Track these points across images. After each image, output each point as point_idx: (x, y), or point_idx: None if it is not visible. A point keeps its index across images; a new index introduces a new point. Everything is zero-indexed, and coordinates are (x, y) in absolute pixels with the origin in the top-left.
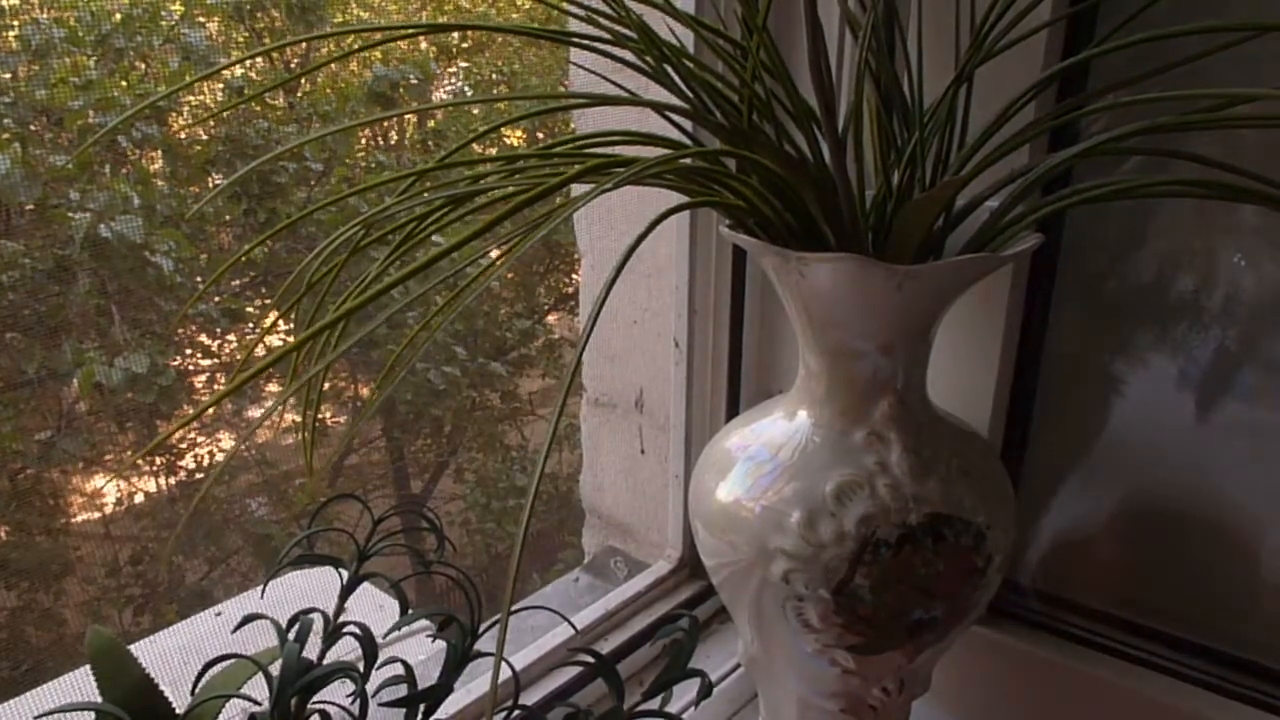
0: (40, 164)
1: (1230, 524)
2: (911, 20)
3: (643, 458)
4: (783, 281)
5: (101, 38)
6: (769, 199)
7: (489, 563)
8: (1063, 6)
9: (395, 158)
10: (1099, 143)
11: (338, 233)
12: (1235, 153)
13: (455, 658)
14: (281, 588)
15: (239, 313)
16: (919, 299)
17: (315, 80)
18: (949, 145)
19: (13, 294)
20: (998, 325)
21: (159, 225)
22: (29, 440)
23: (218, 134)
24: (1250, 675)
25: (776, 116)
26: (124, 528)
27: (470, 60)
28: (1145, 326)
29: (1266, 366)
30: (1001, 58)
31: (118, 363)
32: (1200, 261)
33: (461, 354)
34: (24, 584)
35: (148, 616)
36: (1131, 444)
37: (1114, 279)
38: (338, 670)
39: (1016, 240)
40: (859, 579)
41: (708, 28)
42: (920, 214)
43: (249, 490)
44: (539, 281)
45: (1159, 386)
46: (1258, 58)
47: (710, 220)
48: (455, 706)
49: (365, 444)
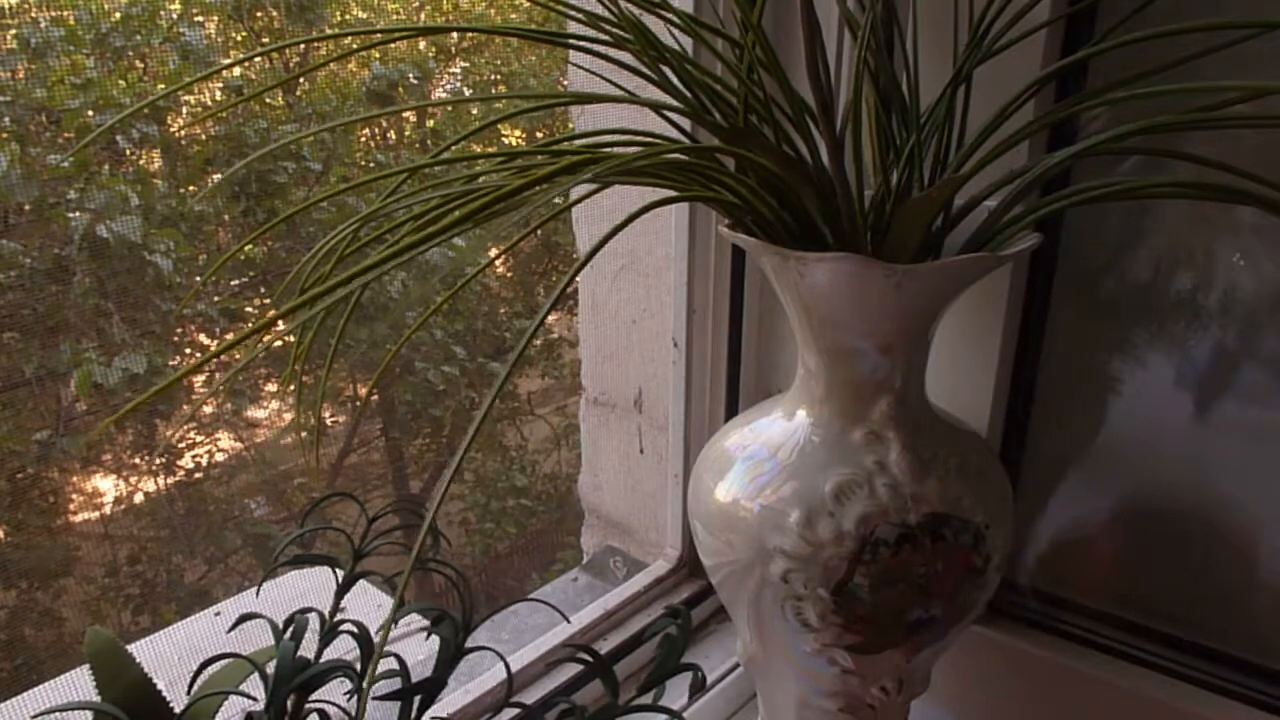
0: (38, 163)
1: (1229, 523)
2: (910, 19)
3: (641, 457)
4: (781, 281)
5: (100, 37)
6: (767, 198)
7: (489, 562)
8: (1061, 6)
9: (394, 157)
10: (1098, 142)
11: (335, 231)
12: (1235, 153)
13: (449, 652)
14: (281, 588)
15: (238, 312)
16: (918, 298)
17: (314, 80)
18: (947, 145)
19: (11, 294)
20: (997, 325)
21: (157, 225)
22: (27, 440)
23: (216, 134)
24: (1248, 674)
25: (775, 117)
26: (123, 527)
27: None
28: (1144, 326)
29: (1266, 366)
30: (1000, 57)
31: (116, 363)
32: (1199, 261)
33: (461, 354)
34: (23, 584)
35: (146, 616)
36: (1130, 443)
37: (1113, 278)
38: (333, 668)
39: (1015, 240)
40: (858, 578)
41: (706, 26)
42: (919, 213)
43: (247, 490)
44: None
45: (1158, 386)
46: (1259, 57)
47: (709, 220)
48: (454, 706)
49: (365, 444)
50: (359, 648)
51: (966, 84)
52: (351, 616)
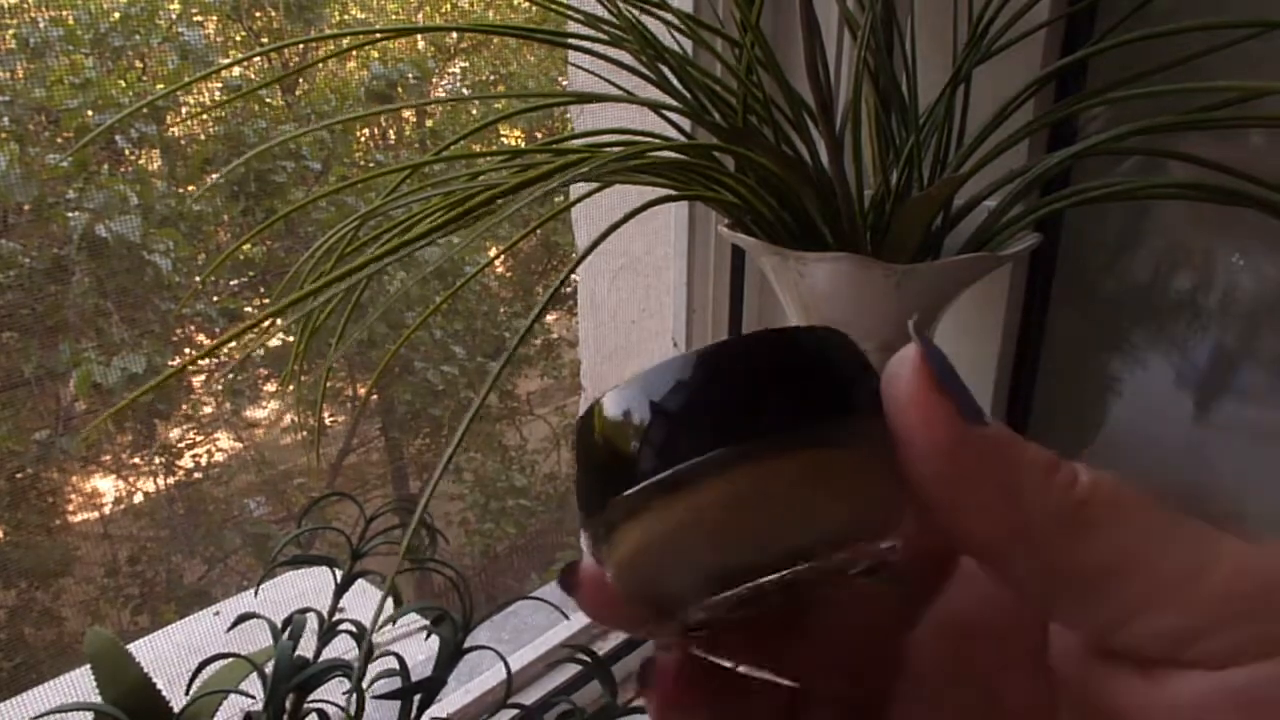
0: (38, 163)
1: (1229, 523)
2: (909, 19)
3: None
4: (781, 281)
5: (99, 37)
6: (766, 198)
7: (488, 562)
8: (1061, 6)
9: (393, 157)
10: (1097, 142)
11: (335, 229)
12: (1235, 153)
13: (448, 651)
14: (280, 588)
15: (237, 312)
16: (917, 298)
17: (314, 80)
18: (947, 144)
19: (10, 294)
20: (996, 325)
21: (157, 225)
22: (27, 440)
23: (216, 134)
24: None
25: (774, 117)
26: (122, 527)
27: (468, 60)
28: (1143, 326)
29: (1265, 366)
30: (999, 57)
31: (115, 362)
32: (1198, 261)
33: (460, 354)
34: (22, 583)
35: (146, 616)
36: (1129, 443)
37: (1112, 278)
38: (331, 667)
39: (1015, 240)
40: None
41: (705, 27)
42: (918, 213)
43: (247, 490)
44: (537, 281)
45: (1157, 386)
46: (1259, 57)
47: (709, 220)
48: (453, 706)
49: (364, 444)
50: (358, 647)
51: (966, 84)
52: (350, 616)
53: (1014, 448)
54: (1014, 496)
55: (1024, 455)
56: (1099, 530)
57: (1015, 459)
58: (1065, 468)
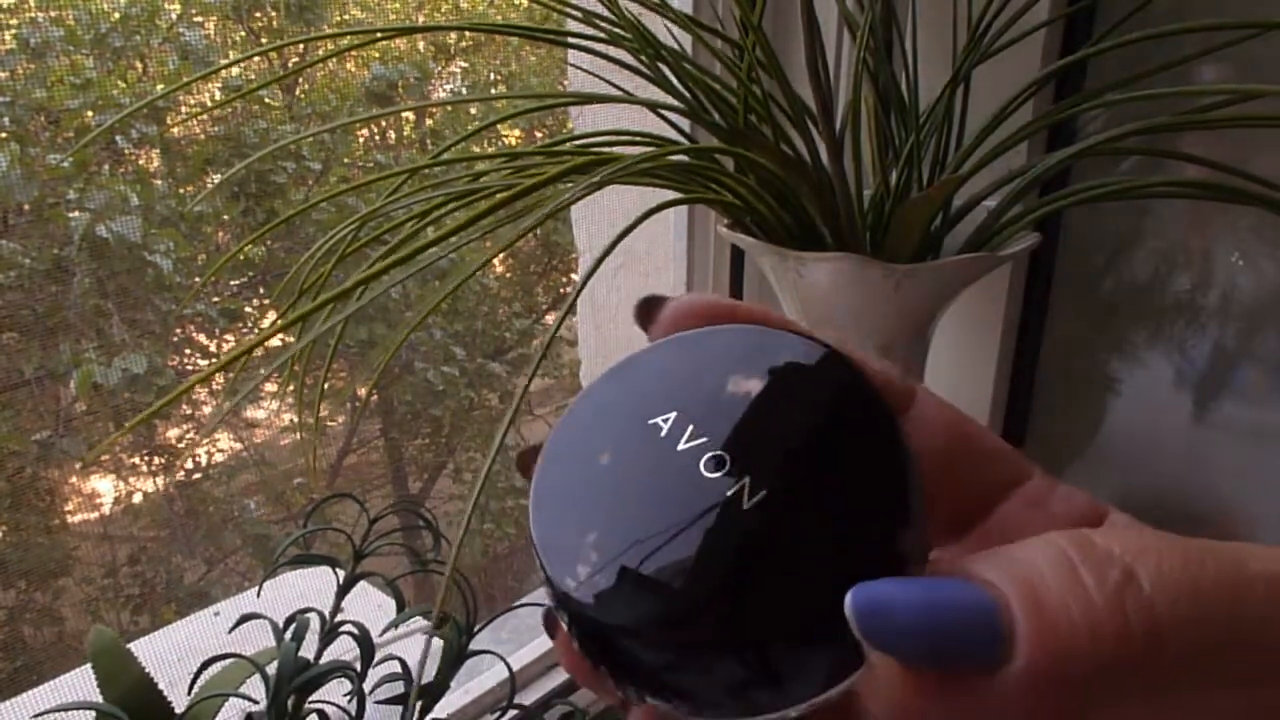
0: (38, 163)
1: (1228, 523)
2: (909, 20)
3: None
4: (780, 281)
5: (99, 37)
6: (766, 199)
7: (488, 563)
8: (1060, 6)
9: (394, 157)
10: (1097, 142)
11: (335, 231)
12: (1235, 153)
13: (451, 655)
14: (281, 588)
15: (237, 313)
16: (917, 298)
17: (314, 80)
18: (946, 145)
19: (10, 294)
20: (996, 325)
21: (157, 225)
22: (27, 440)
23: (216, 133)
24: None
25: (774, 118)
26: (122, 527)
27: (468, 60)
28: (1143, 326)
29: (1265, 366)
30: (999, 57)
31: (116, 363)
32: (1198, 261)
33: (460, 354)
34: (21, 583)
35: (146, 616)
36: (1129, 442)
37: (1111, 278)
38: (333, 669)
39: (1014, 240)
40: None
41: (705, 27)
42: (917, 213)
43: (247, 490)
44: (537, 281)
45: (1156, 385)
46: (1259, 59)
47: (708, 220)
48: (453, 706)
49: (364, 444)
50: (359, 649)
51: (965, 84)
52: (352, 617)
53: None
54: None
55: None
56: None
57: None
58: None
